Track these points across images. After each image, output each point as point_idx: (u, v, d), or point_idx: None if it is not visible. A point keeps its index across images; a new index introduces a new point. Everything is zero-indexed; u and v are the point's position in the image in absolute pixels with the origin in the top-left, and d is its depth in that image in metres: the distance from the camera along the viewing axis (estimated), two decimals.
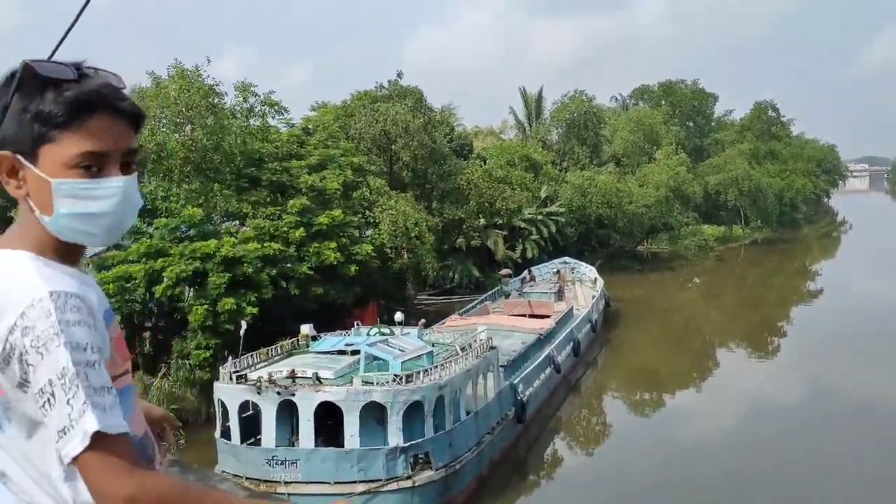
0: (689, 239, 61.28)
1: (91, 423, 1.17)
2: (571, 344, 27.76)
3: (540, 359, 24.06)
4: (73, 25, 1.60)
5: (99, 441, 1.17)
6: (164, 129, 26.94)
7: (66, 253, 1.37)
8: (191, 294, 24.16)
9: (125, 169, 1.36)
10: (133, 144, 1.38)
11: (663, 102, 79.78)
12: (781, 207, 75.99)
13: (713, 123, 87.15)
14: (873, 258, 62.01)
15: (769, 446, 20.77)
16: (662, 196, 53.90)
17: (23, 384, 1.23)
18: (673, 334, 36.99)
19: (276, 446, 16.22)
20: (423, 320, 25.48)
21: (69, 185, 1.31)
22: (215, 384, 17.40)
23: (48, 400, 1.19)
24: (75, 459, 1.19)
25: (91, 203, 1.32)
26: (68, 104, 1.29)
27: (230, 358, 18.21)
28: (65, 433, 1.18)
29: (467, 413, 18.23)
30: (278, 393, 16.25)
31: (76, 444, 1.18)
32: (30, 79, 1.30)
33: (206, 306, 22.98)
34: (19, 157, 1.31)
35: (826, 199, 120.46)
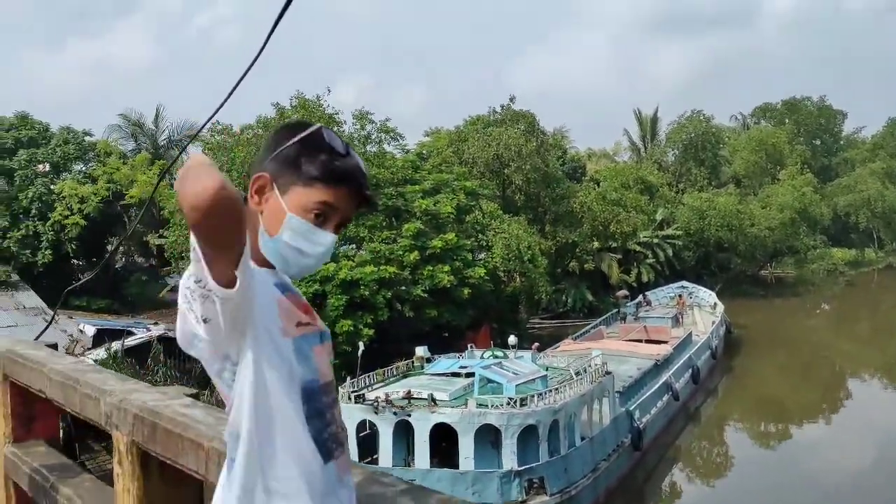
0: (817, 263, 58.35)
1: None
2: (690, 371, 26.87)
3: (657, 385, 23.41)
4: (239, 82, 1.80)
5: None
6: None
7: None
8: None
9: (336, 230, 1.68)
10: (351, 216, 1.72)
11: (787, 121, 76.68)
12: None
13: (842, 142, 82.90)
14: None
15: None
16: (787, 218, 51.62)
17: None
18: (800, 363, 35.07)
19: (393, 466, 16.48)
20: (536, 344, 25.36)
21: (298, 221, 1.63)
22: None
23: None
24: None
25: (305, 243, 1.65)
26: (332, 172, 1.63)
27: (348, 378, 18.71)
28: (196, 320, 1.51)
29: (582, 439, 17.96)
30: (395, 413, 16.55)
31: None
32: (316, 139, 1.65)
33: None
34: (274, 184, 1.64)
35: None
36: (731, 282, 51.28)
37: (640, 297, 37.87)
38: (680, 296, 35.77)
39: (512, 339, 22.48)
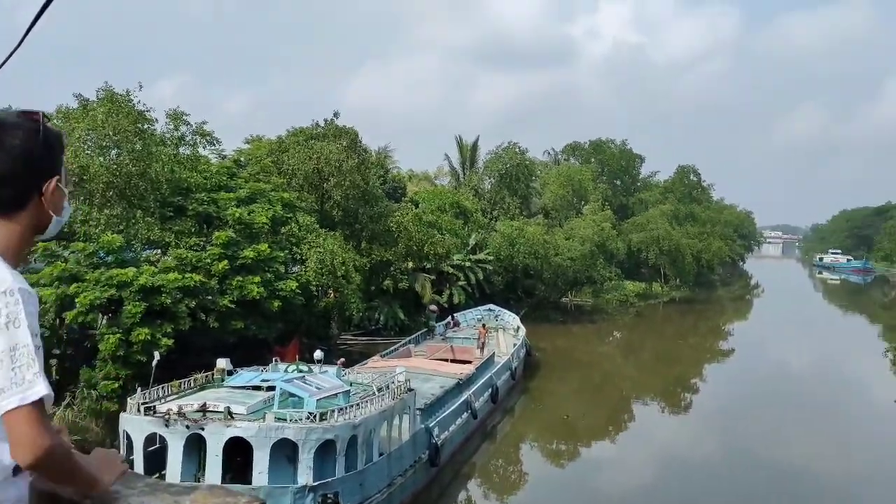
0: (612, 294, 62.90)
1: (41, 389, 1.59)
2: (490, 390, 27.94)
3: (457, 403, 24.13)
4: (18, 44, 1.87)
5: (39, 403, 1.59)
6: (88, 152, 26.33)
7: (20, 257, 1.88)
8: (104, 322, 23.44)
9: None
10: None
11: (593, 160, 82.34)
12: (699, 268, 78.51)
13: (639, 183, 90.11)
14: (782, 321, 64.74)
15: (677, 498, 21.28)
16: (587, 250, 55.20)
17: None
18: (591, 386, 37.62)
19: (182, 481, 15.72)
20: (342, 359, 25.31)
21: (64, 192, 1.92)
22: (121, 415, 16.86)
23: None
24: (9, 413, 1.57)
25: (69, 207, 1.97)
26: (62, 147, 1.93)
27: (139, 389, 17.69)
28: (4, 391, 1.56)
29: (380, 454, 18.11)
30: (187, 427, 15.85)
31: (15, 401, 1.57)
32: (44, 131, 1.84)
33: (118, 335, 22.29)
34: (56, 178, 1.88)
35: (741, 263, 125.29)
36: (536, 307, 54.02)
37: (449, 318, 38.95)
38: (484, 325, 36.91)
39: (318, 354, 22.24)
